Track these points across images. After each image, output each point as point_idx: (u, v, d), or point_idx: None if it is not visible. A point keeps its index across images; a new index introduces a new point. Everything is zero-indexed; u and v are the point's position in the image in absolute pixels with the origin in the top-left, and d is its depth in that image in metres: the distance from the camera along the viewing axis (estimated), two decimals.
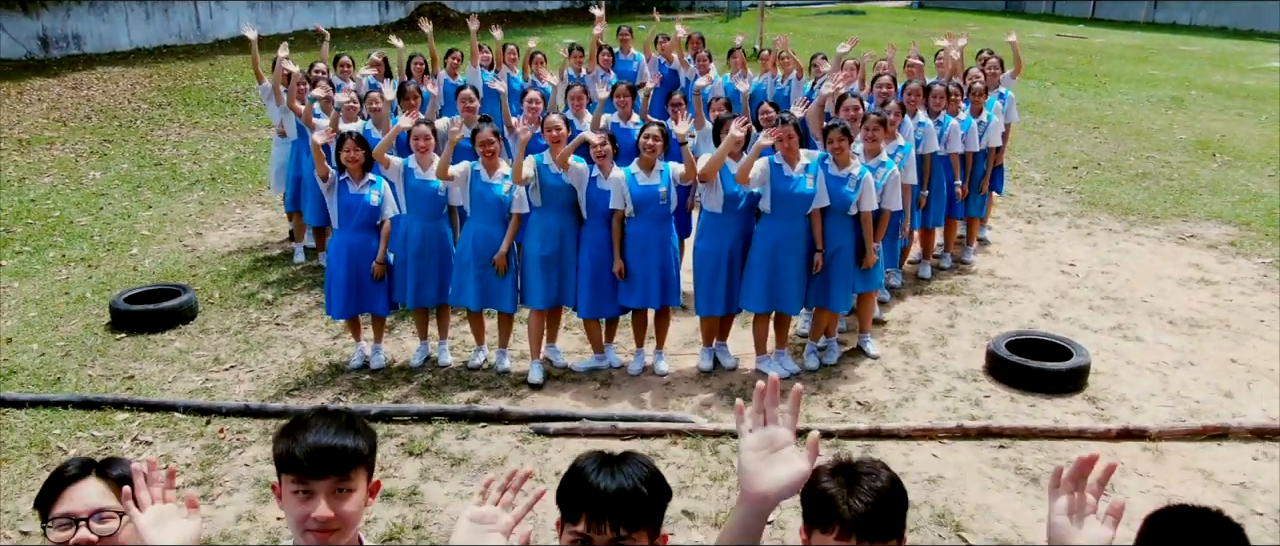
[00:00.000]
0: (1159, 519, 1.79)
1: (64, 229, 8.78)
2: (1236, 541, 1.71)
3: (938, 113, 7.16)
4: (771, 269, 5.65)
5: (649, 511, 1.79)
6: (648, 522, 1.79)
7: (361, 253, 5.75)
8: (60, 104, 14.88)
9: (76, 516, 1.94)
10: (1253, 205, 9.62)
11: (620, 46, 9.93)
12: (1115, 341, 6.49)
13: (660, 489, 1.84)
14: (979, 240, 8.40)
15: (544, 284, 5.79)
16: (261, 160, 11.33)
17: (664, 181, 5.66)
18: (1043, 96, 16.00)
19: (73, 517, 1.94)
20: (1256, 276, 7.74)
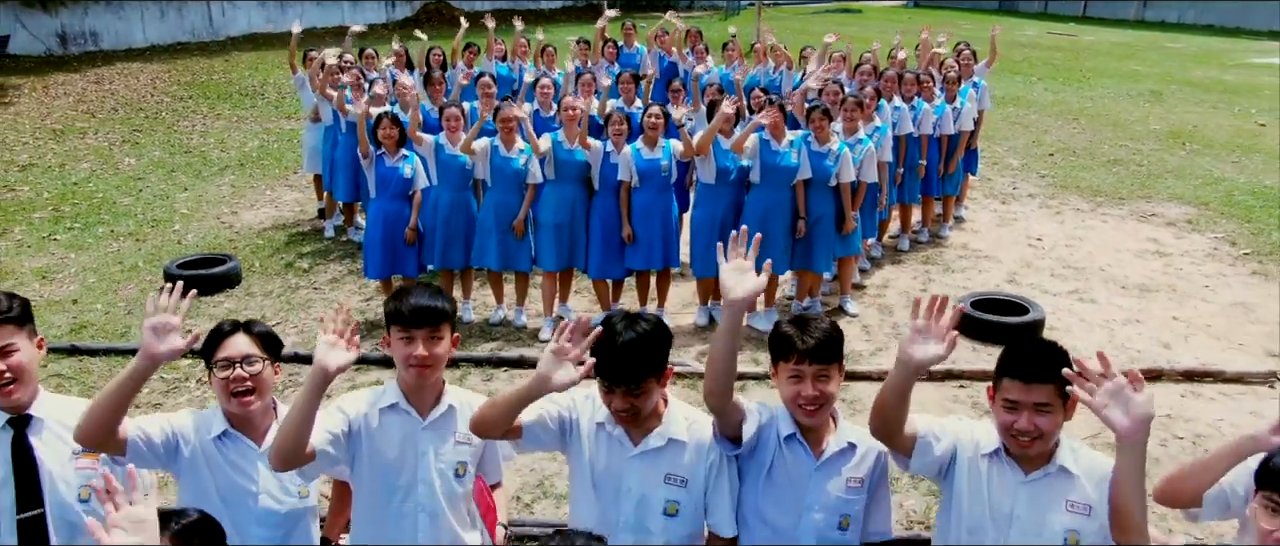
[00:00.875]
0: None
1: (109, 208, 9.53)
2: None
3: (912, 98, 7.91)
4: (760, 233, 6.38)
5: (656, 349, 2.53)
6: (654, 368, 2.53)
7: (396, 220, 6.50)
8: (86, 97, 15.63)
9: (233, 359, 2.68)
10: (1213, 188, 10.38)
11: (624, 40, 10.68)
12: (1071, 303, 7.24)
13: (662, 339, 2.58)
14: (955, 218, 9.16)
15: (556, 248, 6.54)
16: (284, 148, 12.08)
17: (665, 156, 6.41)
18: (1027, 90, 16.76)
19: (231, 360, 2.68)
20: (1207, 249, 8.50)
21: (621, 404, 2.49)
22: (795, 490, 2.56)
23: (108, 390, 2.45)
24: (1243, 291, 7.49)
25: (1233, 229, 9.02)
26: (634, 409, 2.50)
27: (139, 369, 2.43)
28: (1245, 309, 7.13)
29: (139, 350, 2.46)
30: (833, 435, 2.64)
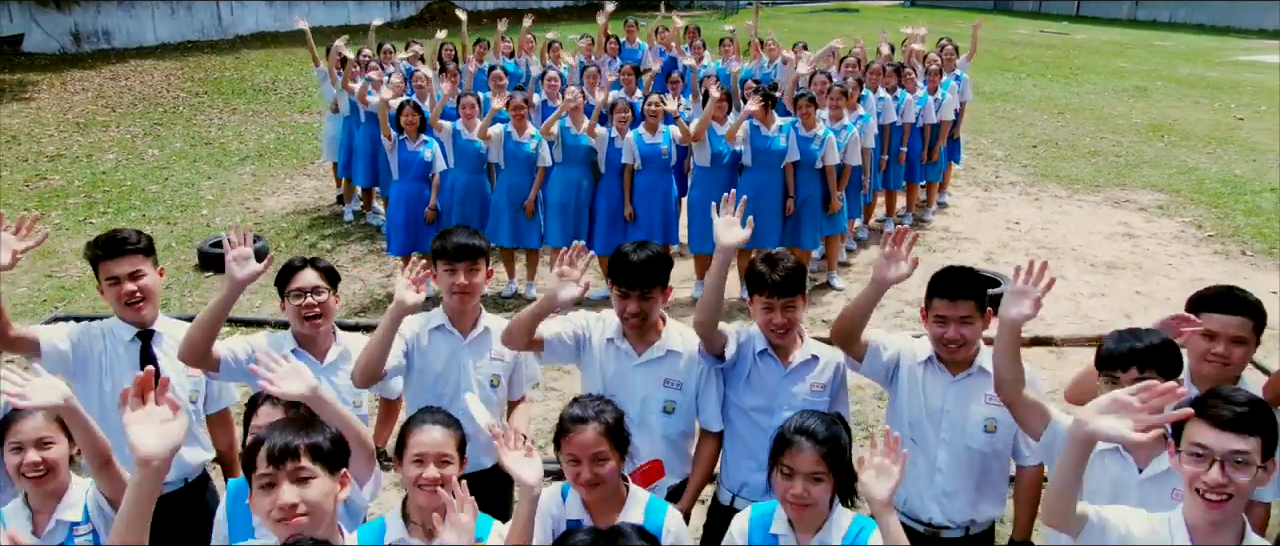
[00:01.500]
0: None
1: (138, 194, 10.12)
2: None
3: (895, 89, 8.49)
4: (752, 212, 6.96)
5: (661, 266, 3.11)
6: (660, 280, 3.11)
7: (417, 201, 7.09)
8: (104, 93, 16.22)
9: (304, 289, 3.26)
10: (1186, 177, 10.96)
11: (626, 36, 11.26)
12: None
13: (666, 261, 3.16)
14: (939, 203, 9.74)
15: (563, 225, 7.12)
16: (301, 140, 12.67)
17: (666, 140, 6.99)
18: (1016, 86, 17.34)
19: (302, 290, 3.26)
20: (1175, 231, 9.09)
21: (634, 308, 3.07)
22: (768, 393, 3.15)
23: (201, 317, 3.03)
24: (1203, 269, 8.08)
25: (1200, 214, 9.60)
26: (643, 312, 3.08)
27: (226, 295, 3.00)
28: (1203, 283, 7.70)
29: (227, 280, 3.03)
30: (799, 349, 3.22)
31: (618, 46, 10.82)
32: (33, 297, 7.35)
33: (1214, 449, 2.13)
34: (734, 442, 3.24)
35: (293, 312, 3.27)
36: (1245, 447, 2.12)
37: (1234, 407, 2.13)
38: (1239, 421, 2.13)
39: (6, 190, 10.31)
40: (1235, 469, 2.12)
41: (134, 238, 3.22)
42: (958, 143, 9.63)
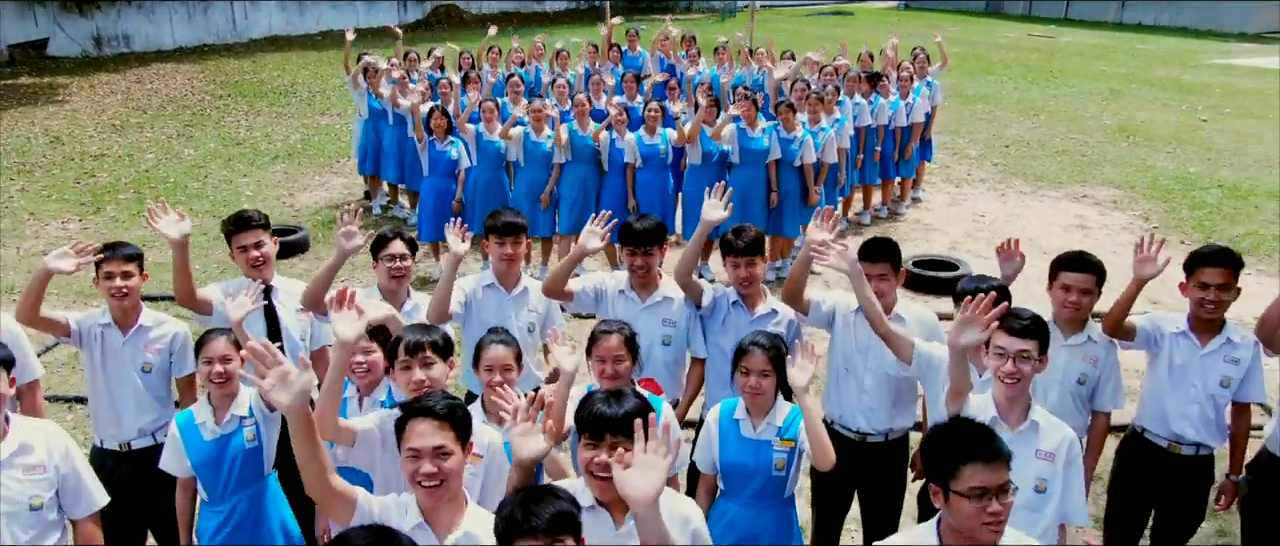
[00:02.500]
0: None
1: (182, 191, 11.14)
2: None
3: (870, 94, 9.51)
4: (740, 205, 7.97)
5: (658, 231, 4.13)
6: (658, 240, 4.14)
7: (444, 194, 8.11)
8: (132, 95, 17.25)
9: (395, 255, 4.28)
10: (1144, 175, 11.99)
11: (629, 45, 12.28)
12: (999, 265, 8.83)
13: (663, 227, 4.18)
14: (912, 198, 10.77)
15: (573, 216, 8.14)
16: (325, 141, 13.69)
17: (663, 141, 8.02)
18: (997, 88, 18.38)
19: (393, 255, 4.28)
20: (1124, 223, 10.12)
21: (640, 262, 4.10)
22: (739, 333, 4.16)
23: (318, 274, 4.05)
24: None
25: (1150, 208, 10.64)
26: (646, 266, 4.11)
27: (335, 260, 4.02)
28: None
29: (337, 248, 4.04)
30: (763, 303, 4.24)
31: (619, 54, 11.84)
32: None
33: (1008, 349, 3.14)
34: (712, 372, 4.26)
35: (383, 272, 4.29)
36: (1027, 347, 3.13)
37: (1021, 321, 3.15)
38: (1024, 331, 3.14)
39: (61, 186, 11.33)
40: (1022, 362, 3.13)
41: (257, 216, 4.25)
42: (929, 143, 10.65)
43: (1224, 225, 9.92)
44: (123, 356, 3.96)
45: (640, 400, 2.71)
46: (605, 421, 2.59)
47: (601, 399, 2.66)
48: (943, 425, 2.60)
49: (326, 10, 27.12)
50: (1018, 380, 3.13)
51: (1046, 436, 3.17)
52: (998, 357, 3.16)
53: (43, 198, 10.91)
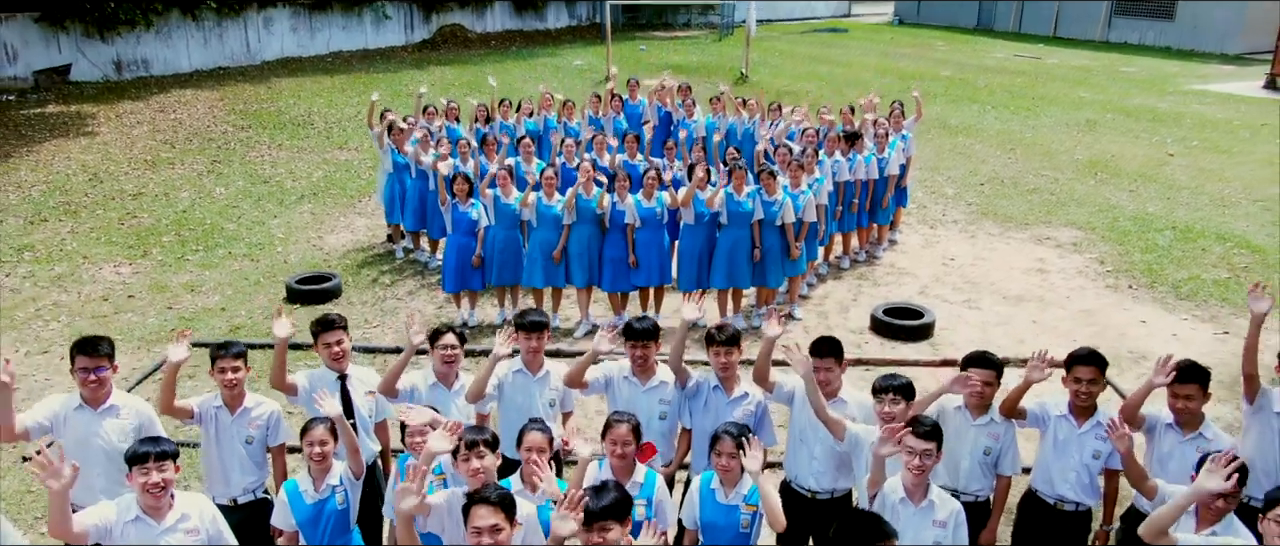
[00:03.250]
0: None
1: (219, 233, 12.20)
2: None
3: (848, 152, 10.57)
4: (728, 260, 9.07)
5: (654, 330, 5.20)
6: (653, 337, 5.20)
7: (465, 250, 9.16)
8: (158, 126, 18.30)
9: (448, 345, 5.32)
10: (1104, 215, 13.05)
11: (629, 93, 13.33)
12: (961, 310, 9.92)
13: (656, 327, 5.26)
14: (889, 240, 11.83)
15: (581, 270, 9.20)
16: (346, 178, 14.74)
17: (659, 204, 9.08)
18: (980, 119, 19.44)
19: (446, 345, 5.33)
20: (1080, 266, 11.18)
21: (640, 353, 5.16)
22: (718, 412, 5.22)
23: (392, 368, 5.11)
24: (1094, 301, 10.17)
25: (1106, 251, 11.70)
26: (645, 356, 5.17)
27: (405, 356, 5.09)
28: (1089, 314, 9.82)
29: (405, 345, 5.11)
30: (738, 386, 5.30)
31: (621, 104, 12.88)
32: (161, 327, 9.40)
33: (915, 449, 4.19)
34: (696, 444, 5.33)
35: (437, 358, 5.33)
36: (929, 447, 4.20)
37: (923, 428, 4.21)
38: (926, 435, 4.20)
39: (107, 228, 12.39)
40: (925, 458, 4.20)
41: (339, 319, 5.31)
42: (904, 190, 11.72)
43: (1170, 269, 10.99)
44: (231, 431, 5.02)
45: (620, 493, 3.82)
46: (593, 514, 3.69)
47: (591, 495, 3.76)
48: (850, 516, 3.68)
49: (336, 32, 28.17)
50: (922, 471, 4.20)
51: (940, 509, 4.24)
52: (907, 454, 4.22)
53: (92, 240, 11.97)
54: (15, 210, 13.11)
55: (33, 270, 10.89)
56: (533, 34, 33.06)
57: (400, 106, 14.12)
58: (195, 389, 7.92)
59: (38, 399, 5.20)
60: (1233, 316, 9.69)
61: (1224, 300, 10.08)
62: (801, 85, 23.11)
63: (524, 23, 33.34)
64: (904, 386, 4.63)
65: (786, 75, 24.61)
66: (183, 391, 6.00)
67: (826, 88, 22.70)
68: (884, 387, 4.63)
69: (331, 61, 27.05)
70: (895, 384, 4.64)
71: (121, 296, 10.17)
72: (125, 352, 8.81)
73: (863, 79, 24.31)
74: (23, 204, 13.39)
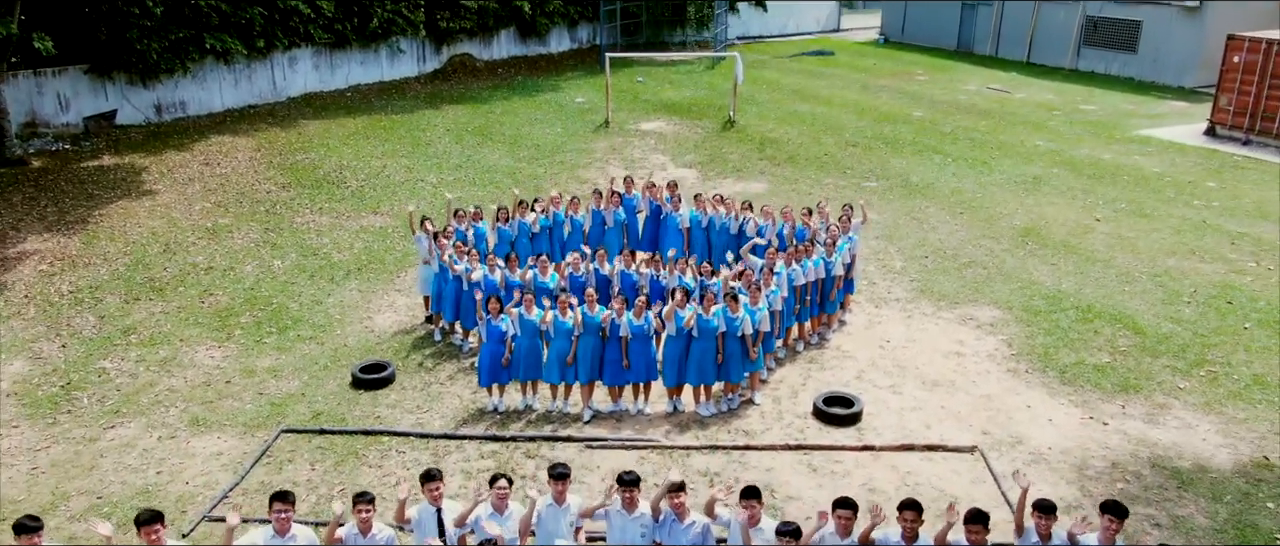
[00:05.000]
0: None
1: (286, 315, 14.97)
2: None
3: (800, 260, 13.30)
4: (699, 363, 11.87)
5: (637, 481, 8.06)
6: (637, 483, 8.06)
7: (497, 354, 11.95)
8: (208, 185, 21.01)
9: (502, 484, 8.14)
10: (1022, 293, 15.82)
11: (625, 188, 16.05)
12: (886, 395, 12.73)
13: (638, 478, 8.10)
14: (840, 322, 14.63)
15: (587, 370, 12.00)
16: (383, 251, 17.48)
17: (646, 323, 11.85)
18: (939, 175, 22.15)
19: (500, 486, 8.14)
20: (991, 350, 13.98)
21: (628, 494, 7.95)
22: (676, 536, 8.00)
23: (462, 512, 7.93)
24: (994, 385, 12.97)
25: (1015, 333, 14.49)
26: (633, 498, 7.96)
27: (469, 506, 7.92)
28: (987, 399, 12.64)
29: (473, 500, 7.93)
30: (688, 516, 8.09)
31: (619, 199, 15.62)
32: (258, 413, 12.22)
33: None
34: None
35: (494, 494, 8.11)
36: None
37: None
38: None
39: (191, 308, 15.17)
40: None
41: (437, 472, 8.11)
42: (851, 281, 14.50)
43: (1062, 353, 13.79)
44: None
45: None
46: None
47: None
48: None
49: (355, 68, 30.75)
50: None
51: None
52: None
53: (181, 320, 14.77)
54: (109, 287, 15.89)
55: (142, 354, 13.70)
56: (536, 59, 35.60)
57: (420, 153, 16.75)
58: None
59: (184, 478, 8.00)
60: (1101, 402, 12.50)
61: (1097, 387, 12.88)
62: (784, 131, 25.79)
63: (528, 48, 35.85)
64: (794, 530, 7.44)
65: (771, 119, 27.24)
66: None
67: (807, 135, 25.40)
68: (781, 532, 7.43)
69: (351, 96, 29.68)
70: (788, 530, 7.44)
71: (220, 382, 12.99)
72: (233, 437, 11.67)
73: (841, 123, 27.01)
74: (114, 280, 16.17)
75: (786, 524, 7.50)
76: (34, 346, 13.89)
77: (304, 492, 10.45)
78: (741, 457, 11.27)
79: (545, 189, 20.99)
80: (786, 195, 20.68)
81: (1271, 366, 13.29)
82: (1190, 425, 11.91)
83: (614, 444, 11.53)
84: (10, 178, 21.42)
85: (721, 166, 22.80)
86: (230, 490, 10.49)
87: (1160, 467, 11.04)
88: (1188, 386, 12.81)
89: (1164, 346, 13.89)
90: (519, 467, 11.03)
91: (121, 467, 10.97)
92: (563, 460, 11.02)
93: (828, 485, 10.67)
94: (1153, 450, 11.38)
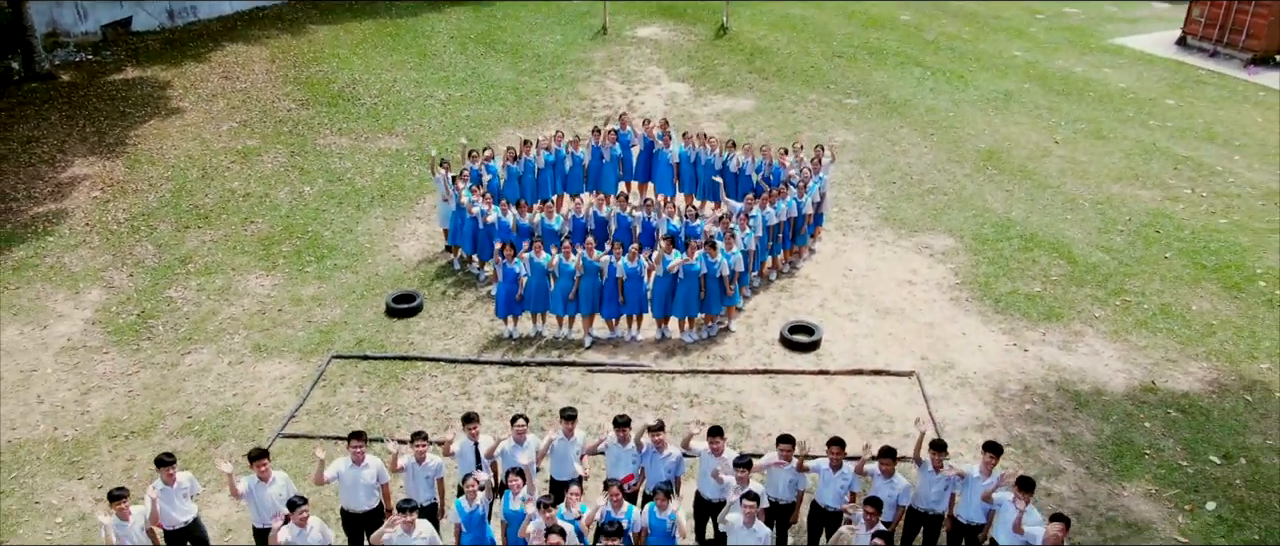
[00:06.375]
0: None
1: (321, 244, 17.12)
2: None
3: (775, 202, 15.40)
4: (684, 299, 14.18)
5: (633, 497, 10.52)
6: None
7: (511, 292, 14.23)
8: (231, 101, 22.78)
9: (521, 424, 10.58)
10: (975, 220, 17.95)
11: (620, 124, 17.96)
12: (843, 323, 15.08)
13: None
14: (810, 251, 16.84)
15: (587, 304, 14.30)
16: (402, 177, 19.48)
17: (639, 265, 14.08)
18: (917, 91, 23.86)
19: (520, 424, 10.57)
20: (939, 278, 16.25)
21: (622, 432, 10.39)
22: (657, 464, 10.46)
23: (488, 448, 10.38)
24: (937, 314, 15.30)
25: (962, 262, 16.72)
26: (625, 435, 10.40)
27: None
28: (929, 327, 15.00)
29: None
30: (666, 449, 10.54)
31: (615, 135, 17.55)
32: (310, 340, 14.59)
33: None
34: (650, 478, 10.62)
35: (515, 432, 10.51)
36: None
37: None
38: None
39: (236, 236, 17.33)
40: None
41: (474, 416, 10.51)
42: (820, 216, 16.63)
43: (1000, 282, 16.06)
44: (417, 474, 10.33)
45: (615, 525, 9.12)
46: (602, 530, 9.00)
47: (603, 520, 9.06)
48: None
49: None
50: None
51: None
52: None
53: (229, 249, 16.97)
54: (159, 215, 18.02)
55: (201, 283, 15.98)
56: None
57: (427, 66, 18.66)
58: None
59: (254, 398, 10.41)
60: (1026, 330, 14.85)
61: (1026, 315, 15.21)
62: (774, 39, 27.26)
63: None
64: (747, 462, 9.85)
65: (763, 24, 28.58)
66: None
67: (795, 44, 26.90)
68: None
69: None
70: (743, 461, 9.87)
71: (273, 310, 15.31)
72: (291, 362, 14.09)
73: (830, 29, 28.43)
74: (162, 208, 18.27)
75: (743, 456, 9.92)
76: (104, 275, 16.15)
77: (356, 412, 12.94)
78: (717, 381, 13.71)
79: (546, 105, 22.83)
80: (772, 114, 22.53)
81: (1180, 296, 15.59)
82: (1097, 352, 14.31)
83: (611, 368, 13.96)
84: (43, 93, 23.17)
85: (712, 81, 24.47)
86: (296, 410, 12.95)
87: (1064, 390, 13.50)
88: (1103, 315, 15.16)
89: (1090, 276, 16.16)
90: (532, 390, 13.47)
91: (202, 390, 13.42)
92: (568, 382, 13.51)
93: (787, 406, 13.15)
94: (1061, 375, 13.81)
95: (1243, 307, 15.21)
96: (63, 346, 14.31)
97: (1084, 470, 11.99)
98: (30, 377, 13.64)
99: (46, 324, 14.87)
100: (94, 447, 12.28)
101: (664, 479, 10.04)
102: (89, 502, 11.38)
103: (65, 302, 15.40)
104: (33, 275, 16.09)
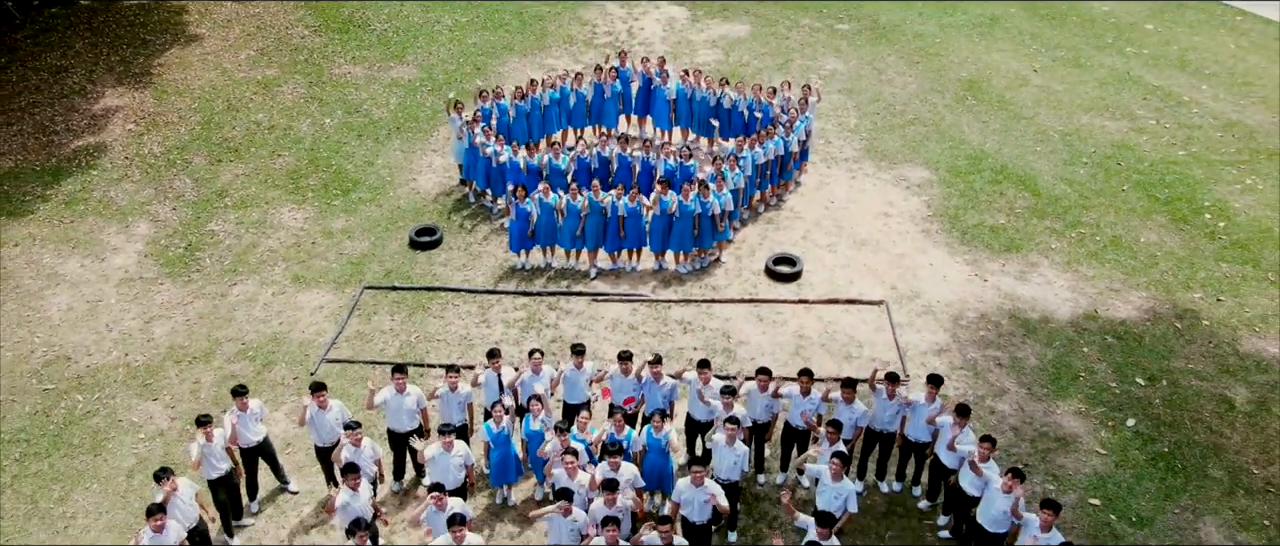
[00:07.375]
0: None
1: (346, 178, 18.72)
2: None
3: (764, 141, 16.98)
4: (680, 235, 15.92)
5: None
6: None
7: (523, 230, 15.96)
8: (246, 28, 23.96)
9: (538, 358, 12.50)
10: (951, 152, 19.50)
11: (620, 61, 19.35)
12: (823, 253, 16.85)
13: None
14: (796, 183, 18.48)
15: (592, 238, 16.05)
16: (416, 108, 20.92)
17: (639, 205, 15.77)
18: (905, 15, 24.99)
19: (537, 358, 12.49)
20: (913, 210, 17.94)
21: (625, 365, 12.31)
22: (654, 391, 12.40)
23: (512, 378, 12.32)
24: (908, 245, 17.05)
25: (935, 194, 18.37)
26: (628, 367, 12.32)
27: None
28: (900, 258, 16.78)
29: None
30: (663, 378, 12.46)
31: (616, 73, 18.97)
32: (343, 272, 16.38)
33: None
34: (649, 403, 12.58)
35: (532, 364, 12.42)
36: None
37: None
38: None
39: (265, 169, 18.93)
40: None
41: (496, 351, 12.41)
42: (806, 151, 18.21)
43: (968, 214, 17.75)
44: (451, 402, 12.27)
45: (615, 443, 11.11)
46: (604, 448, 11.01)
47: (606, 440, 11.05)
48: None
49: None
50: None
51: None
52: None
53: (261, 182, 18.60)
54: (192, 148, 19.57)
55: (239, 217, 17.68)
56: None
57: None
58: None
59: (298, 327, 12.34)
60: (987, 261, 16.64)
61: (988, 246, 16.97)
62: None
63: None
64: (731, 390, 11.79)
65: None
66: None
67: None
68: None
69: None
70: (728, 389, 11.81)
71: (307, 243, 17.05)
72: (328, 292, 15.93)
73: None
74: (194, 141, 19.80)
75: (727, 386, 11.83)
76: (149, 209, 17.85)
77: (389, 338, 14.85)
78: (708, 309, 15.57)
79: (548, 31, 24.07)
80: (765, 40, 23.79)
81: (1131, 227, 17.33)
82: (1050, 282, 16.14)
83: (614, 298, 15.81)
84: (65, 19, 24.34)
85: (708, 6, 25.57)
86: (336, 337, 14.86)
87: (1016, 318, 15.38)
88: (1058, 247, 16.92)
89: (1052, 208, 17.85)
90: (543, 317, 15.34)
91: (252, 319, 15.30)
92: (576, 311, 15.38)
93: (769, 332, 15.04)
94: (1015, 304, 15.67)
95: (1186, 239, 16.96)
96: (122, 278, 16.13)
97: (1026, 390, 13.96)
98: (97, 308, 15.50)
99: (103, 256, 16.65)
100: (163, 372, 14.23)
101: (660, 404, 11.97)
102: (165, 420, 13.39)
103: (117, 235, 17.14)
104: (84, 209, 17.78)
